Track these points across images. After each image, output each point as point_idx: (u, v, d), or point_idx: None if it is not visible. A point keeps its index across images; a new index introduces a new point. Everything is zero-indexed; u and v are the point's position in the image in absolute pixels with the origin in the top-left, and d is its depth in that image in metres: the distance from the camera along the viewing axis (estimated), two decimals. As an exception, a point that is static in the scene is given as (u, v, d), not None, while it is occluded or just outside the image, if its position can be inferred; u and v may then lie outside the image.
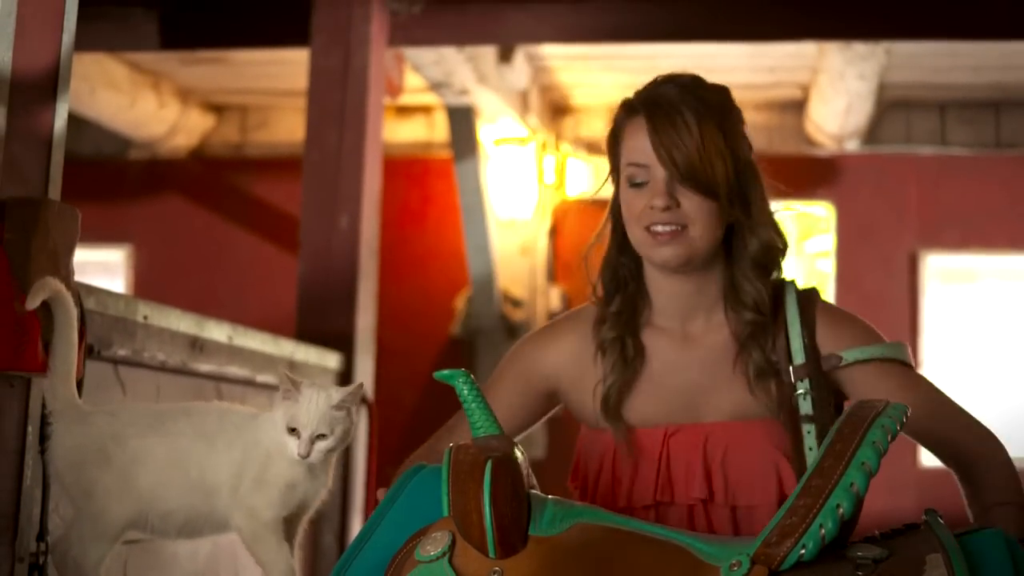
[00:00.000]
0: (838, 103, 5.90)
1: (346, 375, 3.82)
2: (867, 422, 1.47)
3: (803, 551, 1.40)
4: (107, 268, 6.87)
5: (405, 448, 1.99)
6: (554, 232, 6.67)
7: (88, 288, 2.04)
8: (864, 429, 1.46)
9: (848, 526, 1.44)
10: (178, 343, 2.53)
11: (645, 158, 1.84)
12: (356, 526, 3.76)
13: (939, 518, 1.49)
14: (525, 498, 1.53)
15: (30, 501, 1.87)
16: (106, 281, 6.43)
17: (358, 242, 4.04)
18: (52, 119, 1.92)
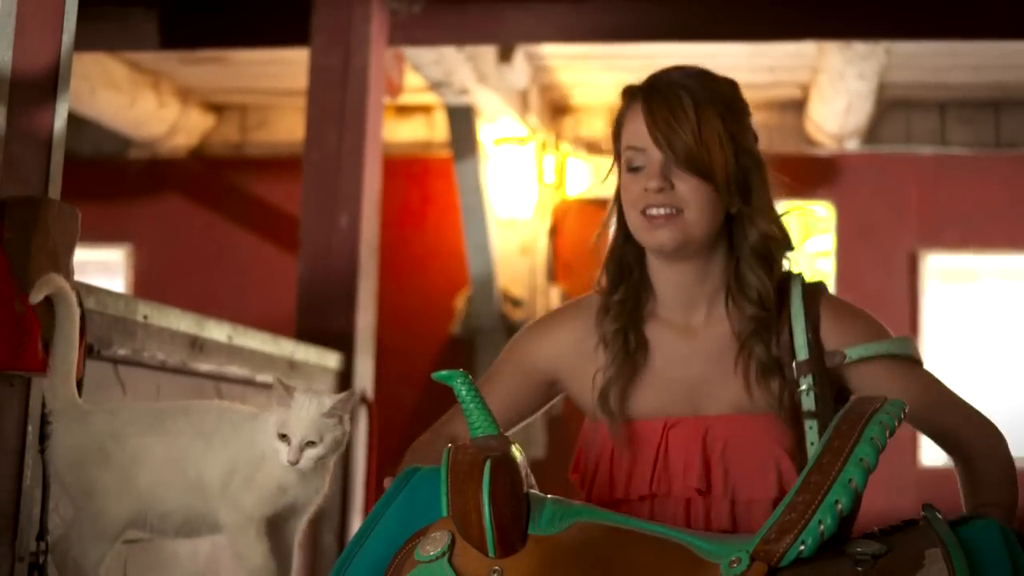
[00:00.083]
0: (838, 103, 5.90)
1: (346, 375, 3.82)
2: (865, 418, 1.47)
3: (802, 547, 1.41)
4: (107, 268, 6.87)
5: (405, 448, 1.99)
6: (554, 232, 6.66)
7: (88, 288, 2.04)
8: (862, 425, 1.46)
9: (847, 522, 1.44)
10: (178, 343, 2.53)
11: (642, 141, 1.84)
12: (356, 526, 3.75)
13: (937, 513, 1.50)
14: (524, 497, 1.53)
15: (30, 501, 1.87)
16: (106, 281, 6.43)
17: (358, 242, 4.04)
18: (52, 119, 1.92)
